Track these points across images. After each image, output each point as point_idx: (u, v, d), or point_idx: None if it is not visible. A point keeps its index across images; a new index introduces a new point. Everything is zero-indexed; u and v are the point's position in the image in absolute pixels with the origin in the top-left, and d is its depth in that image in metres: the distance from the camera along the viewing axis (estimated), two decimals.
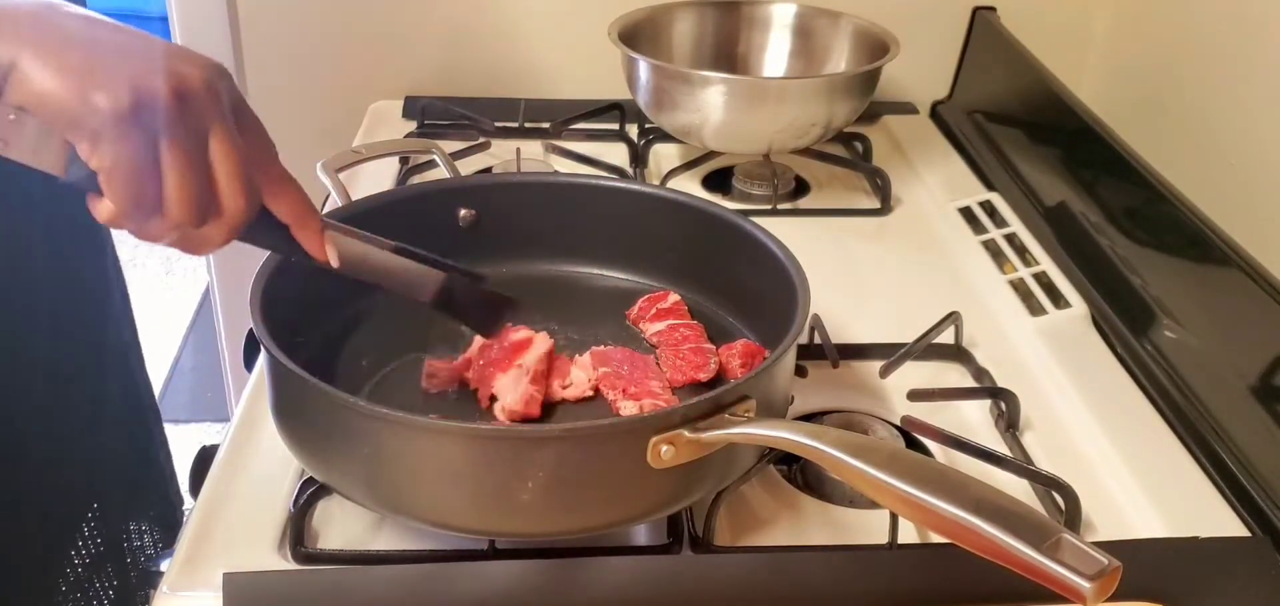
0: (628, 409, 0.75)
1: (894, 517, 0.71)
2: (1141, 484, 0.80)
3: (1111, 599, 0.50)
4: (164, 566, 0.71)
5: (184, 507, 1.09)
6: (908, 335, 0.92)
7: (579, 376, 0.79)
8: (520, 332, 0.79)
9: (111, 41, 0.54)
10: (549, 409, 0.78)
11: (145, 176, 0.54)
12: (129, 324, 1.08)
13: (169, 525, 1.11)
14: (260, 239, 0.65)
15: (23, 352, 0.88)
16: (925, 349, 0.93)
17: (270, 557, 0.71)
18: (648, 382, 0.77)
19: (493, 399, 0.76)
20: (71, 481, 0.96)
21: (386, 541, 0.73)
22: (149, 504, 1.10)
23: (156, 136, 0.54)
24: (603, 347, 0.82)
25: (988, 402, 0.88)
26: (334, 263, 0.67)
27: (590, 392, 0.78)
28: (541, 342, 0.78)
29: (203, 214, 0.57)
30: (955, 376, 0.93)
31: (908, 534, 0.74)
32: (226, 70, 0.58)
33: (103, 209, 0.56)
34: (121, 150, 0.53)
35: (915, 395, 0.86)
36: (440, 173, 1.14)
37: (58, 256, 0.90)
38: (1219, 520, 0.78)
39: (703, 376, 0.79)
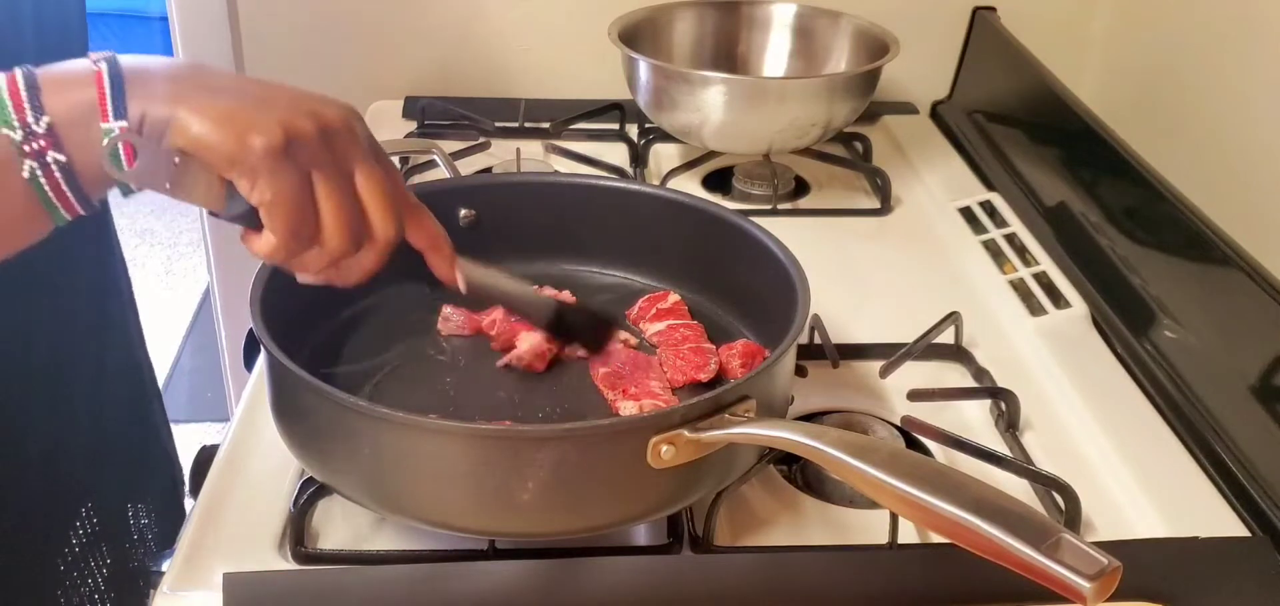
0: (628, 409, 0.75)
1: (894, 517, 0.71)
2: (1141, 484, 0.80)
3: (1111, 599, 0.50)
4: (164, 566, 0.71)
5: (185, 492, 1.09)
6: (908, 335, 0.92)
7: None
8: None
9: (257, 92, 0.58)
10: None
11: (303, 207, 0.58)
12: (130, 303, 1.07)
13: (171, 507, 1.11)
14: (393, 264, 0.66)
15: (22, 331, 0.88)
16: (925, 349, 0.93)
17: (270, 557, 0.71)
18: (648, 382, 0.77)
19: (509, 349, 0.80)
20: (72, 462, 0.96)
21: (386, 541, 0.73)
22: (151, 484, 1.09)
23: (309, 171, 0.58)
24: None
25: (988, 402, 0.88)
26: (462, 288, 0.70)
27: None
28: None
29: (357, 240, 0.61)
30: (955, 376, 0.93)
31: (908, 534, 0.74)
32: (359, 112, 0.62)
33: (263, 243, 0.59)
34: (279, 184, 0.57)
35: (915, 395, 0.86)
36: (440, 173, 1.14)
37: (57, 234, 0.90)
38: (1219, 520, 0.78)
39: (703, 376, 0.79)
